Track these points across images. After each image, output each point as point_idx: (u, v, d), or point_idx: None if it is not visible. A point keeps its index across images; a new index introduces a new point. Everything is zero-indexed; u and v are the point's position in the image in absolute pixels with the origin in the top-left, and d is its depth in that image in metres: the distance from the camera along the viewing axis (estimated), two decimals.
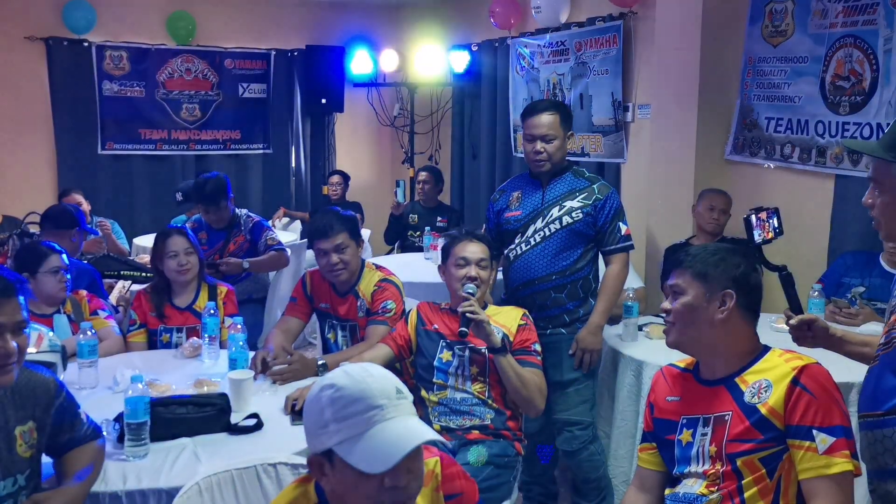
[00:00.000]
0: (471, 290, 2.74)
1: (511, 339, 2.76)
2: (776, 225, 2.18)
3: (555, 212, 3.16)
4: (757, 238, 2.12)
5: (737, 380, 1.87)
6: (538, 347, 2.79)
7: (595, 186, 3.18)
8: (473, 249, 2.84)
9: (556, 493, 3.48)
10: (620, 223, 3.17)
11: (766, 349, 1.91)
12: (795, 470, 1.77)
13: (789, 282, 2.10)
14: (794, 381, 1.78)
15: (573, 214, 3.14)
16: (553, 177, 3.21)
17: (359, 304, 3.20)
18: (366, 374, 1.41)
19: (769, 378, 1.82)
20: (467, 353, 2.76)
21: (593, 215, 3.15)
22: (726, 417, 1.85)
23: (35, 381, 1.90)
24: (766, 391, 1.81)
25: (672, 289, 1.96)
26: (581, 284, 3.19)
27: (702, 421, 1.89)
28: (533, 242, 3.18)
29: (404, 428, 1.37)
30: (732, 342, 1.90)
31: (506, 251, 3.27)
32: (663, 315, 2.00)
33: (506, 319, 2.82)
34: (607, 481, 3.22)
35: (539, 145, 3.14)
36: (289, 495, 1.49)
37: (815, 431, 1.74)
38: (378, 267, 3.31)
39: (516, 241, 3.22)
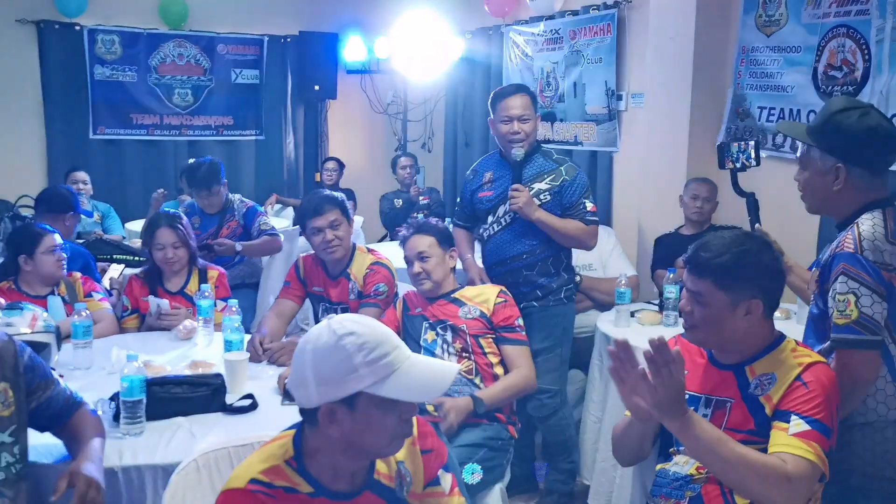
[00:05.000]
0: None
1: (490, 318, 2.84)
2: (753, 156, 2.43)
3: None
4: (726, 166, 2.41)
5: (746, 368, 1.86)
6: (521, 322, 2.89)
7: (562, 168, 3.27)
8: (412, 245, 2.95)
9: (532, 457, 3.62)
10: (586, 201, 3.25)
11: (781, 338, 1.89)
12: None
13: (755, 207, 2.39)
14: (798, 377, 1.79)
15: (541, 196, 3.23)
16: (523, 158, 3.25)
17: (350, 286, 3.23)
18: (369, 319, 1.52)
19: (776, 372, 1.82)
20: (448, 331, 2.83)
21: (559, 195, 3.24)
22: (727, 404, 1.85)
23: None
24: (769, 384, 1.81)
25: (693, 295, 1.88)
26: (552, 261, 3.29)
27: (703, 401, 1.89)
28: (504, 223, 3.30)
29: (429, 364, 1.52)
30: (752, 338, 1.88)
31: (480, 231, 3.40)
32: (683, 314, 1.93)
33: (482, 298, 2.90)
34: (574, 441, 3.38)
35: (517, 125, 3.23)
36: (270, 450, 1.56)
37: (793, 415, 1.74)
38: (370, 250, 3.35)
39: (489, 220, 3.34)
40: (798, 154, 2.07)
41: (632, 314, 3.39)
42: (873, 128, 1.93)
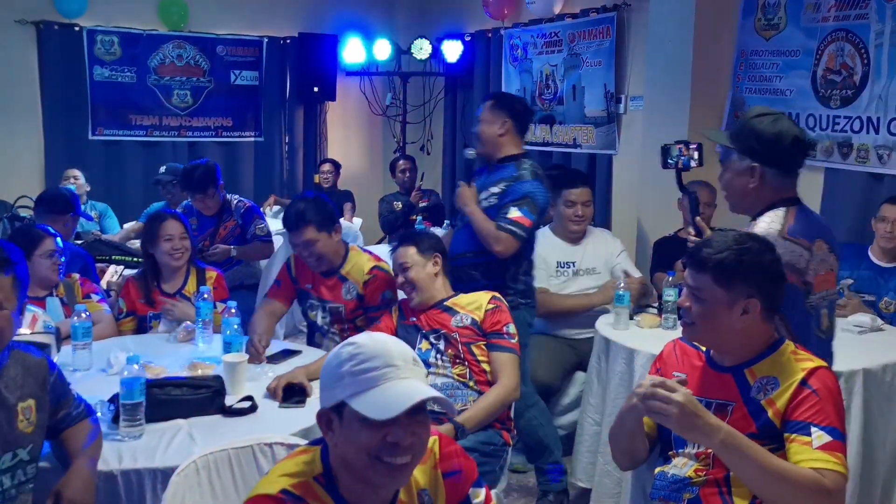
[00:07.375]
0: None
1: (480, 324, 2.79)
2: (696, 157, 2.60)
3: (482, 195, 3.34)
4: (667, 166, 2.59)
5: (746, 371, 1.87)
6: (511, 329, 2.81)
7: (519, 175, 3.30)
8: (395, 258, 2.97)
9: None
10: (514, 207, 3.22)
11: (781, 341, 1.90)
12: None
13: (694, 204, 2.58)
14: (803, 383, 1.79)
15: (490, 199, 3.30)
16: (499, 163, 3.35)
17: (345, 287, 3.17)
18: (387, 338, 1.50)
19: (777, 376, 1.82)
20: (442, 340, 2.81)
21: (501, 198, 3.28)
22: (728, 407, 1.85)
23: (30, 361, 1.95)
24: (771, 388, 1.81)
25: (692, 291, 1.89)
26: (495, 266, 3.30)
27: (703, 404, 1.86)
28: (464, 222, 3.41)
29: (415, 386, 1.42)
30: (750, 339, 1.88)
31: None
32: (681, 311, 1.95)
33: (475, 306, 2.85)
34: (550, 440, 3.37)
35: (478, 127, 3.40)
36: (298, 464, 1.51)
37: (812, 427, 1.74)
38: (365, 251, 3.31)
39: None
40: (720, 158, 2.28)
41: (631, 317, 3.39)
42: (783, 131, 2.13)
